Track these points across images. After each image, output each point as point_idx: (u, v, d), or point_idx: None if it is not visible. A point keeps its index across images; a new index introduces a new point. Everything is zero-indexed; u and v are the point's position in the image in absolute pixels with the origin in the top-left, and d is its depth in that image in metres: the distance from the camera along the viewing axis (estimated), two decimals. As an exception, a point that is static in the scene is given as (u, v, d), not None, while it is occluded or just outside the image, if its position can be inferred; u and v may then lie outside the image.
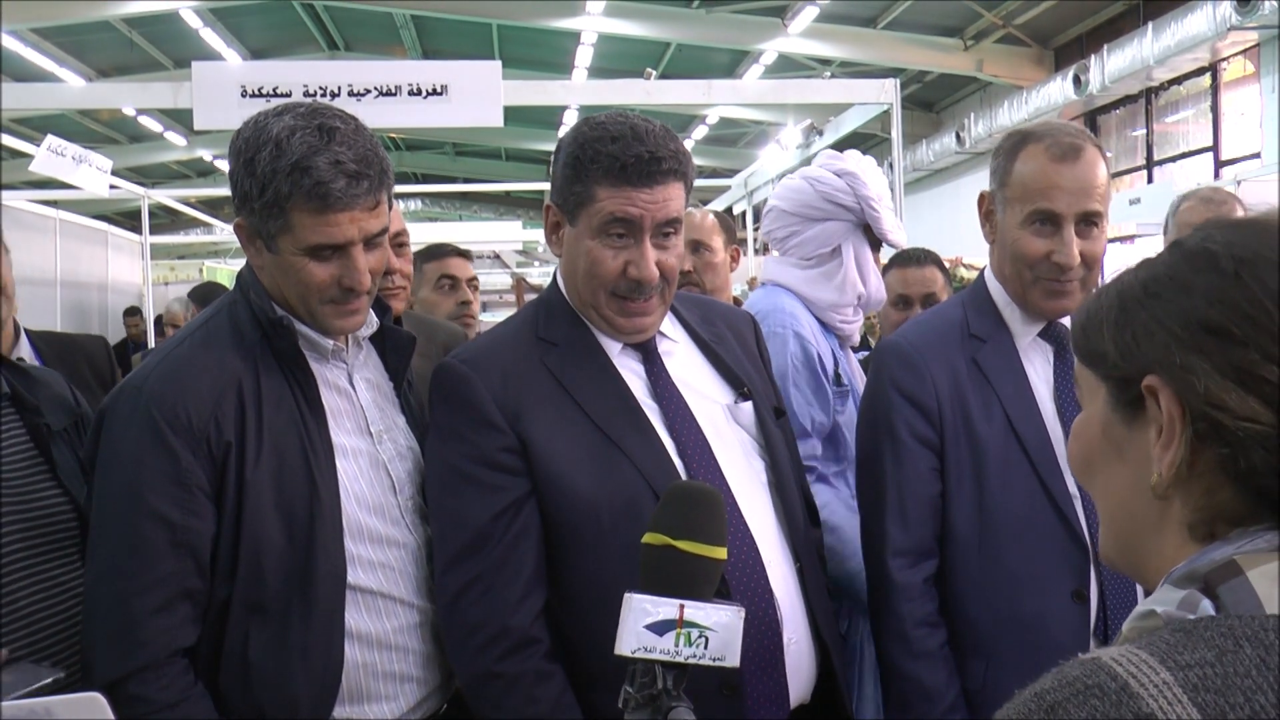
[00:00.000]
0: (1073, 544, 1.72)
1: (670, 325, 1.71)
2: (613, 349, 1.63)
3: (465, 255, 3.27)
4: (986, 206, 1.87)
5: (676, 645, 1.10)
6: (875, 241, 2.52)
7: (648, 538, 1.16)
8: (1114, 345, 0.78)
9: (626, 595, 1.12)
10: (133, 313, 8.69)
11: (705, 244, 2.85)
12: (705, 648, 1.11)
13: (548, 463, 1.53)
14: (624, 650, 1.10)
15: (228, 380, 1.48)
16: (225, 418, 1.45)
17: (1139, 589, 1.69)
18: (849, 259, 2.46)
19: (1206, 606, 0.68)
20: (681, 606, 1.11)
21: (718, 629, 1.12)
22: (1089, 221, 1.75)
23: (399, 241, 2.30)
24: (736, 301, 3.25)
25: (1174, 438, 0.74)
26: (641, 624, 1.10)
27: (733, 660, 1.12)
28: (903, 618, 1.75)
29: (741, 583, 1.53)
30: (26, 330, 2.59)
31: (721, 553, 1.16)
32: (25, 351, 2.52)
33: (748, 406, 1.68)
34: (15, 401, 1.67)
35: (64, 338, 2.73)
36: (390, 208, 1.56)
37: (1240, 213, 3.15)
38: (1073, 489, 1.74)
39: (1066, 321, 1.85)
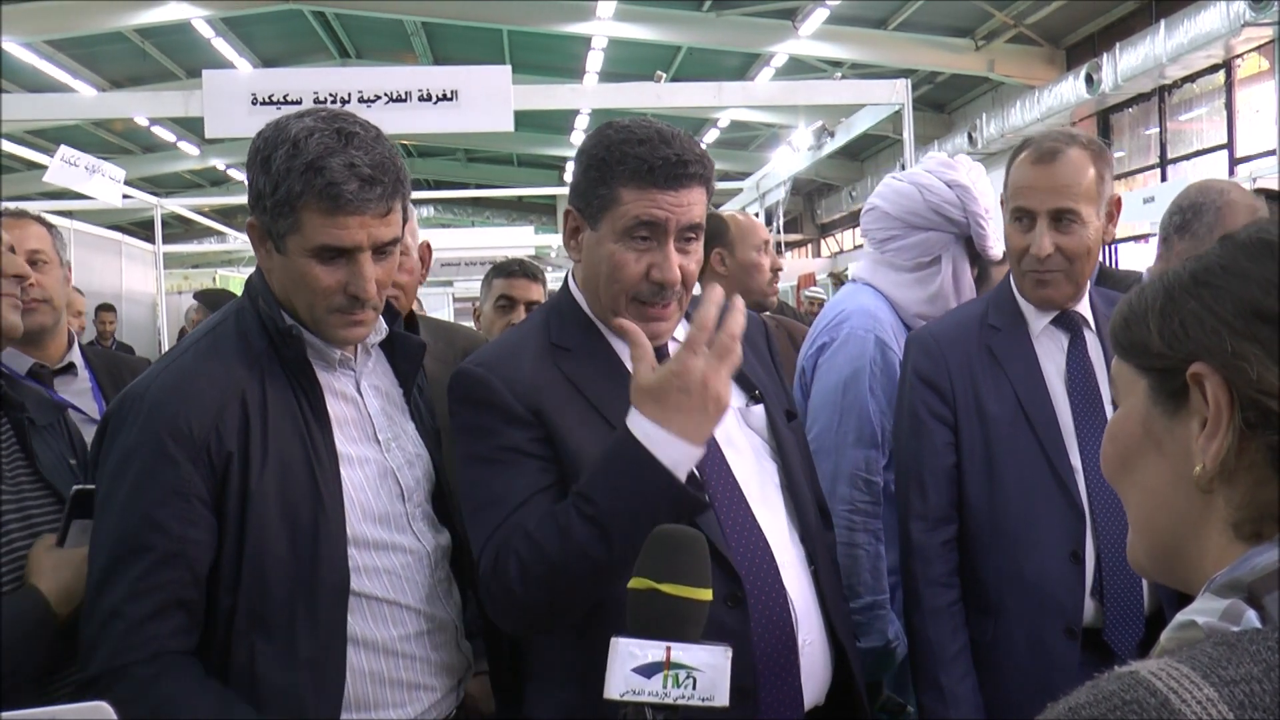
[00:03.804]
0: (1071, 510, 1.88)
1: (682, 329, 1.69)
2: (626, 354, 1.61)
3: (533, 276, 3.17)
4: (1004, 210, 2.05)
5: (665, 687, 1.11)
6: (975, 254, 2.48)
7: (633, 583, 1.16)
8: (1159, 335, 0.77)
9: (613, 640, 1.12)
10: (107, 309, 8.78)
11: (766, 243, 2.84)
12: (693, 688, 1.12)
13: (570, 464, 1.51)
14: (613, 694, 1.11)
15: (232, 390, 1.46)
16: (227, 428, 1.44)
17: None
18: (947, 271, 2.43)
19: (1251, 618, 0.65)
20: (668, 649, 1.12)
21: (705, 669, 1.13)
22: (1064, 218, 1.90)
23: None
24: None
25: (1220, 426, 0.72)
26: (629, 667, 1.11)
27: (721, 700, 1.13)
28: (916, 576, 1.94)
29: (756, 585, 1.51)
30: (81, 346, 2.61)
31: (706, 594, 1.16)
32: (76, 359, 2.53)
33: (759, 409, 1.67)
34: None
35: (112, 354, 2.73)
36: (406, 220, 1.54)
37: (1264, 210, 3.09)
38: (1076, 462, 1.90)
39: (1084, 310, 2.01)
